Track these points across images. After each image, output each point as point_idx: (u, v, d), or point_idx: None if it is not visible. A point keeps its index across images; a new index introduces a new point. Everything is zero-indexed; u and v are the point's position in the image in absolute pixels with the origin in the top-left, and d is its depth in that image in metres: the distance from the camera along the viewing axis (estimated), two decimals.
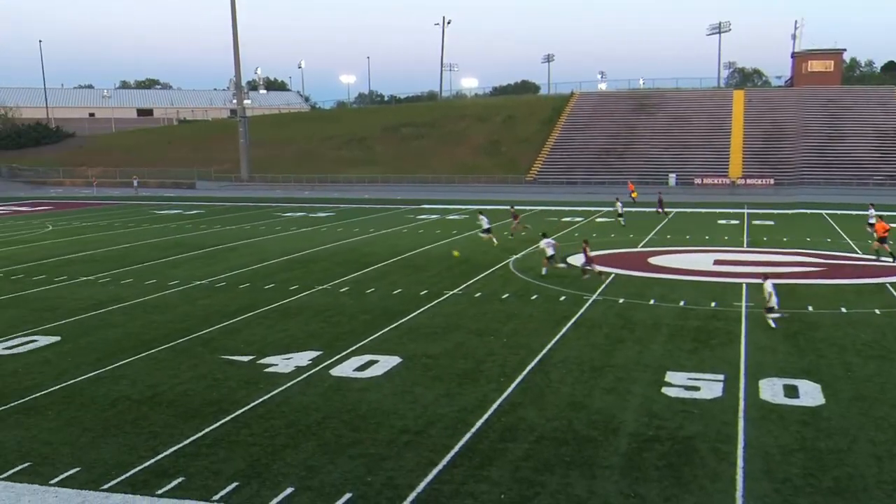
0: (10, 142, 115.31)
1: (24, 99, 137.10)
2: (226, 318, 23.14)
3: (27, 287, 28.49)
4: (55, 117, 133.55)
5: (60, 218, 54.86)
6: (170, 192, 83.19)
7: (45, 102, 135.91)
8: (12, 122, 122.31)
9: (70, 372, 18.05)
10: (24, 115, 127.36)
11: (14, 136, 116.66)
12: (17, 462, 13.04)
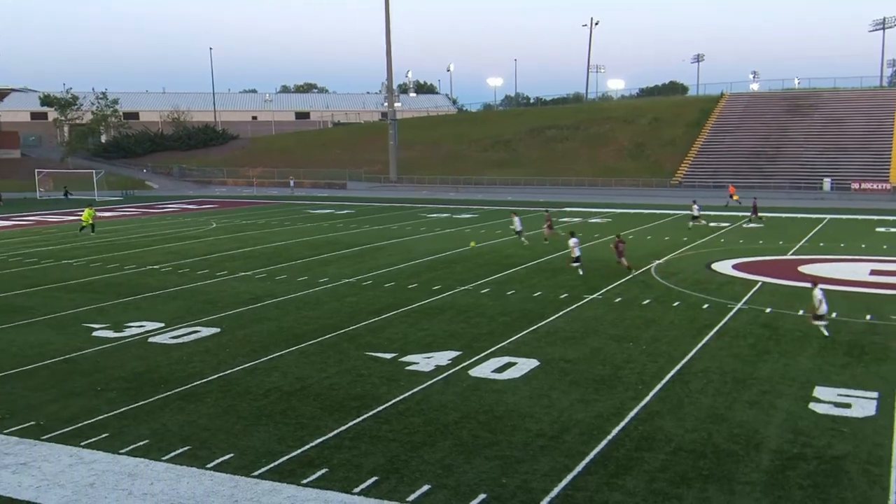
0: (181, 143, 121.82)
1: (194, 103, 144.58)
2: (371, 315, 23.69)
3: (192, 280, 30.05)
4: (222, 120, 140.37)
5: (224, 216, 57.58)
6: (323, 192, 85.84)
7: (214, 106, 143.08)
8: (184, 125, 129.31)
9: (228, 362, 18.92)
10: (195, 118, 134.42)
11: (185, 138, 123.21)
12: (178, 445, 13.77)
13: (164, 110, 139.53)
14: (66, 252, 38.43)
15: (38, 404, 16.01)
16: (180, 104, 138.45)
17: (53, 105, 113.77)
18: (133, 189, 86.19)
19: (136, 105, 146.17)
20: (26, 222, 54.40)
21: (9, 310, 25.08)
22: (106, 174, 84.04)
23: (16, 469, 12.86)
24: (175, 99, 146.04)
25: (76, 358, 19.44)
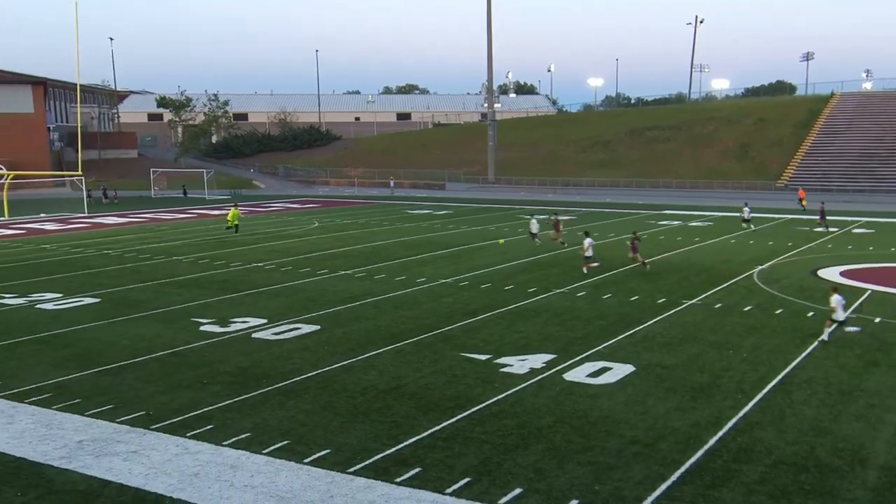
0: (287, 144, 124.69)
1: (300, 104, 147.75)
2: (467, 316, 23.75)
3: (294, 278, 30.72)
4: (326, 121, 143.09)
5: (325, 215, 58.70)
6: (422, 193, 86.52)
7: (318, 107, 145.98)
8: (290, 126, 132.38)
9: (326, 359, 19.27)
10: (300, 119, 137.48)
11: (290, 139, 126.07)
12: (277, 439, 14.09)
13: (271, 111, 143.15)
14: (177, 249, 39.84)
15: (148, 395, 16.64)
16: (287, 106, 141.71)
17: (169, 107, 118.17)
18: (241, 188, 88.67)
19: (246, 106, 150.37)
20: (141, 219, 56.63)
21: (123, 303, 26.16)
22: (215, 174, 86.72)
23: (126, 457, 13.39)
24: (282, 100, 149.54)
25: (184, 351, 20.13)
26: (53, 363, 19.08)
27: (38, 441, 14.10)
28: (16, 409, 15.82)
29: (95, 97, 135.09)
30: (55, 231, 49.10)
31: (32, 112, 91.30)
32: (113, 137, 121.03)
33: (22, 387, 17.16)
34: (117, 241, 43.10)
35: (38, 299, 26.91)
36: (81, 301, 26.60)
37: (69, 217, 57.47)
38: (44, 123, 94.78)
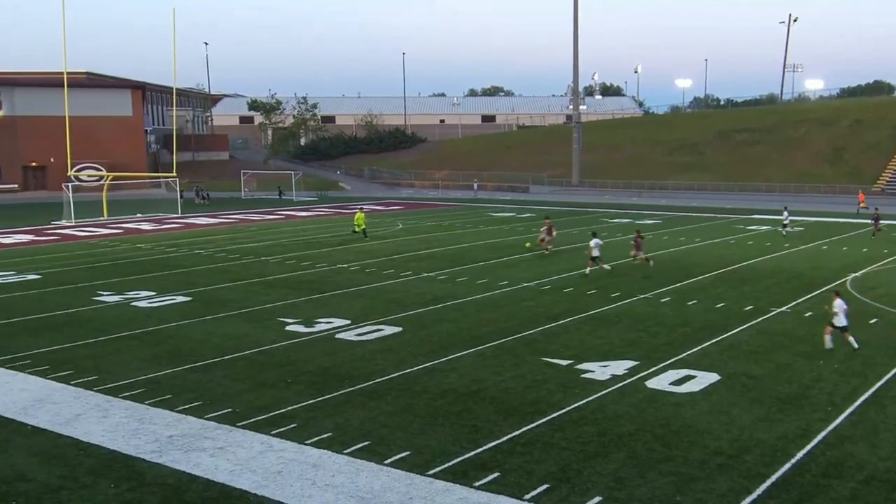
0: (373, 146, 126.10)
1: (386, 107, 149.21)
2: (549, 320, 23.60)
3: (378, 280, 31.04)
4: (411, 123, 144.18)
5: (409, 217, 59.16)
6: (505, 196, 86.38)
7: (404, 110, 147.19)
8: (376, 129, 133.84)
9: (408, 361, 19.40)
10: (386, 121, 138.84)
11: (376, 141, 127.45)
12: (359, 439, 14.26)
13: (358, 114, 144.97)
14: (265, 249, 40.70)
15: (235, 392, 17.04)
16: (373, 108, 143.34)
17: (259, 110, 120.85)
18: (327, 190, 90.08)
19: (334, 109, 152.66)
20: (231, 220, 58.07)
21: (213, 302, 26.86)
22: (303, 175, 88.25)
23: (213, 452, 13.74)
24: (369, 103, 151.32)
25: (270, 350, 20.54)
26: (147, 359, 19.71)
27: (130, 435, 14.59)
28: (111, 403, 16.40)
29: (190, 100, 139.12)
30: (150, 231, 50.75)
31: (131, 115, 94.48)
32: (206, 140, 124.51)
33: (117, 381, 17.78)
34: (208, 242, 44.29)
35: (134, 297, 27.84)
36: (174, 299, 27.42)
37: (163, 217, 59.33)
38: (142, 126, 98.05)
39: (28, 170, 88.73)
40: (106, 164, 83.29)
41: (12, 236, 47.52)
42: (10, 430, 14.91)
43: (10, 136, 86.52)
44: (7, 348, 20.81)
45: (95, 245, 43.34)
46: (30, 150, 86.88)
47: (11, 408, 16.11)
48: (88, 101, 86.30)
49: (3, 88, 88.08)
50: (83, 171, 79.03)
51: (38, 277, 32.25)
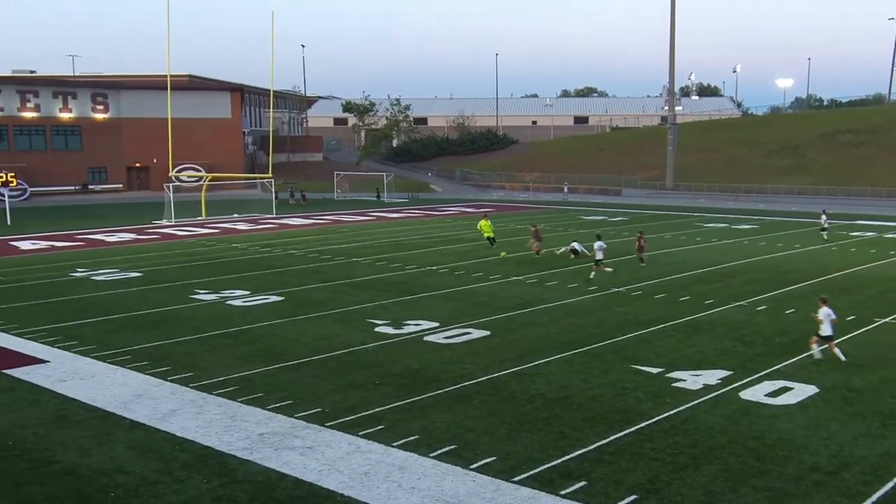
0: (465, 147, 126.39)
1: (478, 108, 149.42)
2: (639, 327, 23.24)
3: (467, 282, 31.12)
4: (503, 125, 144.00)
5: (500, 220, 58.96)
6: (597, 199, 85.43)
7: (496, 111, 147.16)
8: (467, 130, 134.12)
9: (495, 365, 19.39)
10: (478, 123, 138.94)
11: (468, 143, 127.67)
12: (445, 443, 14.32)
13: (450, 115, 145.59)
14: (356, 250, 41.27)
15: (324, 392, 17.33)
16: (465, 109, 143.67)
17: (353, 111, 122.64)
18: (418, 192, 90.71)
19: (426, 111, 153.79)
20: (324, 221, 59.09)
21: (304, 302, 27.38)
22: (394, 177, 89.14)
23: (302, 452, 14.00)
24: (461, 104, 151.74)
25: (359, 351, 20.82)
26: (240, 357, 20.24)
27: (223, 431, 14.99)
28: (205, 399, 16.90)
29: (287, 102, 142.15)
30: (246, 231, 52.07)
31: (230, 117, 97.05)
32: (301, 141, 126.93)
33: (212, 379, 18.31)
34: (301, 242, 45.17)
35: (229, 296, 28.61)
36: (267, 299, 28.07)
37: (259, 218, 60.78)
38: (240, 128, 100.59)
39: (132, 170, 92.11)
40: (205, 165, 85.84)
41: (116, 235, 49.43)
42: (110, 424, 15.52)
43: (116, 137, 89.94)
44: (110, 344, 21.66)
45: (193, 244, 44.72)
46: (134, 151, 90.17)
47: (112, 402, 16.76)
48: (190, 103, 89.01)
49: (110, 91, 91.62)
50: (183, 172, 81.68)
51: (140, 275, 33.47)
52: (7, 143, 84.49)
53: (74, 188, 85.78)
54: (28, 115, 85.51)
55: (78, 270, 34.70)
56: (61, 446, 14.40)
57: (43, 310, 26.44)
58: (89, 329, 23.56)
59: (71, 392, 17.44)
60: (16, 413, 16.25)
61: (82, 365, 19.64)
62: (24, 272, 34.38)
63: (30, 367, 19.42)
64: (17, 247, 43.52)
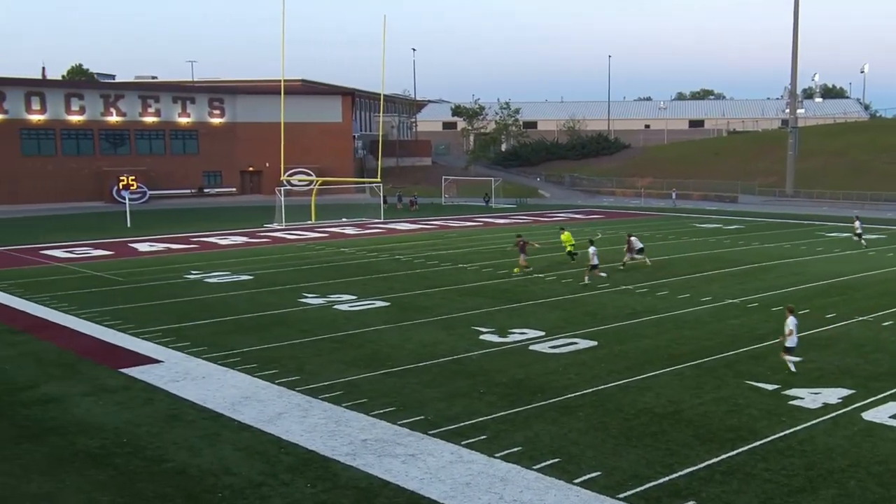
0: (575, 152, 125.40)
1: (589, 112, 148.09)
2: (754, 341, 22.55)
3: (574, 291, 30.86)
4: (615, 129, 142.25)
5: (609, 226, 58.36)
6: (711, 206, 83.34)
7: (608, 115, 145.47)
8: (578, 134, 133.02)
9: (602, 377, 19.17)
10: (589, 127, 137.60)
11: (578, 147, 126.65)
12: (548, 456, 14.24)
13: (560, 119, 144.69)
14: (463, 256, 41.46)
15: (428, 400, 17.48)
16: (576, 113, 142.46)
17: (462, 115, 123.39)
18: (526, 197, 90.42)
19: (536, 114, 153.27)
20: (431, 227, 59.60)
21: (410, 308, 27.69)
22: (502, 182, 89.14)
23: (405, 459, 14.17)
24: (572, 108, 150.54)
25: (463, 359, 20.92)
26: (346, 362, 20.63)
27: (328, 436, 15.31)
28: (311, 403, 17.30)
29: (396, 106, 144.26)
30: (354, 235, 53.04)
31: (341, 121, 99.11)
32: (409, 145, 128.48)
33: (318, 383, 18.73)
34: (409, 247, 45.69)
35: (336, 300, 29.19)
36: (373, 304, 28.51)
37: (367, 222, 61.80)
38: (350, 132, 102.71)
39: (245, 174, 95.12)
40: (315, 169, 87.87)
41: (229, 238, 51.13)
42: (219, 425, 16.07)
43: (231, 141, 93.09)
44: (221, 345, 22.43)
45: (303, 248, 45.83)
46: (247, 155, 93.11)
47: (222, 403, 17.35)
48: (302, 107, 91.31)
49: (226, 96, 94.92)
50: (294, 176, 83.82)
51: (251, 278, 34.52)
52: (128, 147, 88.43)
53: (190, 192, 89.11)
54: (149, 120, 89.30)
55: (192, 272, 36.06)
56: (172, 445, 15.00)
57: (158, 311, 27.59)
58: (202, 330, 24.46)
59: (183, 392, 18.14)
60: (130, 411, 17.01)
61: (194, 366, 20.41)
62: (141, 273, 35.96)
63: (145, 367, 20.31)
64: (135, 248, 45.53)
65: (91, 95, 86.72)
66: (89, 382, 19.11)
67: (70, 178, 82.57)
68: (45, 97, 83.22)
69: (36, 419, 16.58)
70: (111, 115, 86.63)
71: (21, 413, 16.95)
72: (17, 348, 22.57)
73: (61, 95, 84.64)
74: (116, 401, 17.70)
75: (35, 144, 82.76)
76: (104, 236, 50.93)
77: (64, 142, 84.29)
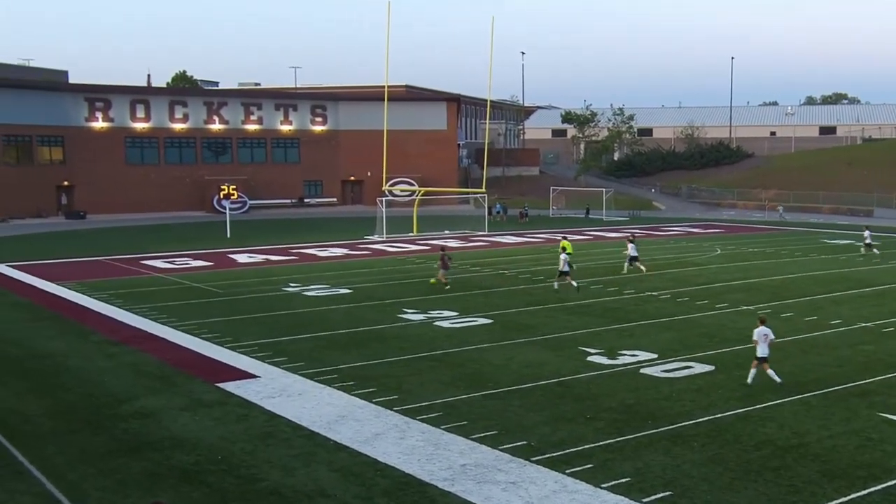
0: (693, 161, 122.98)
1: (709, 118, 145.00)
2: (890, 368, 21.65)
3: (690, 311, 30.25)
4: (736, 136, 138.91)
5: (729, 242, 56.96)
6: (843, 220, 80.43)
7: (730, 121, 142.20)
8: (696, 142, 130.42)
9: (719, 405, 18.73)
10: (708, 134, 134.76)
11: (697, 156, 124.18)
12: (659, 489, 14.00)
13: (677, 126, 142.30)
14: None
15: (531, 425, 17.41)
16: (695, 119, 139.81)
17: (573, 122, 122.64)
18: (639, 210, 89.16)
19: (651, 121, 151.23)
20: (538, 240, 59.42)
21: (513, 326, 27.65)
22: (614, 193, 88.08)
23: (506, 487, 14.13)
24: (690, 114, 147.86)
25: (569, 381, 20.75)
26: (445, 382, 20.75)
27: (425, 460, 15.41)
28: (409, 424, 17.45)
29: (503, 113, 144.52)
30: (456, 248, 53.29)
31: (445, 129, 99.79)
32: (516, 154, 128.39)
33: (416, 403, 18.89)
34: (513, 262, 45.67)
35: (437, 316, 29.40)
36: (475, 321, 28.58)
37: (470, 235, 62.05)
38: (455, 140, 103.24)
39: (346, 184, 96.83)
40: (418, 179, 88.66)
41: (328, 249, 52.15)
42: (314, 444, 16.37)
43: (333, 150, 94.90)
44: (318, 361, 22.88)
45: (403, 261, 46.35)
46: (349, 164, 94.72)
47: (318, 421, 17.68)
48: (405, 114, 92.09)
49: (328, 103, 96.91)
50: (396, 186, 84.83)
51: (350, 291, 35.11)
52: (230, 156, 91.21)
53: (291, 201, 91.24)
54: (251, 128, 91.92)
55: (290, 285, 36.92)
56: (266, 464, 15.36)
57: (256, 324, 28.35)
58: (299, 345, 25.00)
59: (279, 409, 18.57)
60: (225, 427, 17.51)
61: (291, 382, 20.87)
62: (240, 285, 37.02)
63: (241, 382, 20.89)
64: (234, 259, 46.94)
65: (194, 103, 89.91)
66: (186, 396, 19.77)
67: (172, 187, 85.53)
68: (150, 105, 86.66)
69: (133, 433, 17.25)
70: (214, 123, 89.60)
71: (119, 427, 17.65)
72: (115, 360, 23.53)
73: (165, 103, 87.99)
74: (212, 416, 18.25)
75: (139, 153, 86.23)
76: (204, 247, 52.68)
77: (167, 150, 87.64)
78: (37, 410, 18.89)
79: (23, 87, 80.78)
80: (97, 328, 27.97)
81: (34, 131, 78.86)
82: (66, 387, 20.81)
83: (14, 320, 29.68)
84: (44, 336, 26.72)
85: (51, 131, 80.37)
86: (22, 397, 19.95)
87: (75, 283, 37.73)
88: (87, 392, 20.31)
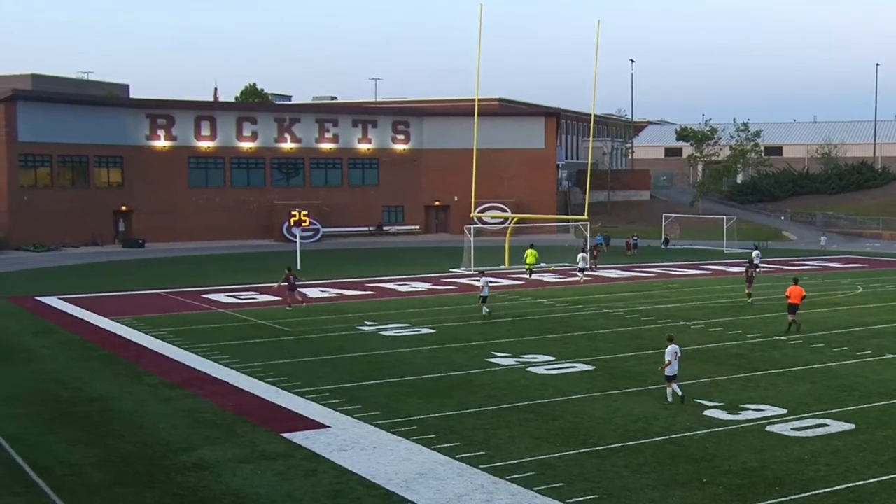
0: (830, 185, 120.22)
1: (850, 134, 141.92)
2: None
3: (826, 359, 29.53)
4: (882, 156, 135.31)
5: (872, 278, 55.40)
6: None
7: (874, 138, 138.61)
8: (834, 162, 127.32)
9: (860, 470, 18.25)
10: (849, 153, 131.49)
11: (834, 178, 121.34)
12: None
13: (812, 144, 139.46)
14: (686, 312, 40.57)
15: (638, 488, 17.21)
16: (832, 136, 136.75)
17: (689, 139, 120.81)
18: (767, 240, 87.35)
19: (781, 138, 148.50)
20: (648, 274, 58.82)
21: (618, 374, 27.43)
22: (736, 220, 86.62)
23: None
24: (827, 129, 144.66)
25: (683, 439, 20.45)
26: (539, 436, 20.66)
27: None
28: (496, 485, 17.40)
29: (609, 129, 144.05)
30: (554, 284, 53.14)
31: (543, 147, 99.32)
32: (623, 176, 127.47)
33: (505, 460, 18.86)
34: (619, 300, 45.26)
35: (530, 361, 29.33)
36: (574, 367, 28.43)
37: (571, 268, 61.66)
38: (554, 160, 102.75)
39: (430, 209, 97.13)
40: (511, 204, 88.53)
41: (409, 284, 52.55)
42: None
43: (416, 171, 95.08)
44: (396, 410, 23.04)
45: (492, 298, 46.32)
46: (433, 187, 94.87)
47: (394, 479, 17.77)
48: (497, 130, 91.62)
49: (412, 118, 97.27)
50: (487, 212, 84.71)
51: (432, 332, 35.30)
52: (302, 178, 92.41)
53: (368, 229, 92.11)
54: (325, 147, 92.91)
55: (366, 324, 37.32)
56: None
57: (328, 367, 28.72)
58: (375, 392, 25.22)
59: (350, 464, 18.73)
60: (291, 483, 17.73)
61: (364, 433, 21.04)
62: (310, 323, 37.58)
63: (310, 432, 21.14)
64: (304, 294, 47.65)
65: (265, 119, 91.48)
66: (248, 447, 20.10)
67: (238, 213, 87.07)
68: (216, 121, 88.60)
69: (190, 487, 17.60)
70: (285, 142, 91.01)
71: (175, 480, 18.03)
72: (172, 405, 24.10)
73: (233, 119, 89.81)
74: (276, 470, 18.50)
75: (203, 174, 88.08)
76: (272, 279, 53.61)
77: (233, 171, 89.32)
78: (85, 460, 19.45)
79: (79, 102, 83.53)
80: (152, 369, 28.71)
81: (91, 151, 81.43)
82: (117, 434, 21.40)
83: (64, 359, 30.70)
84: (95, 377, 27.58)
85: (109, 151, 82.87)
86: (70, 445, 20.58)
87: (131, 318, 38.86)
88: (139, 440, 20.84)
